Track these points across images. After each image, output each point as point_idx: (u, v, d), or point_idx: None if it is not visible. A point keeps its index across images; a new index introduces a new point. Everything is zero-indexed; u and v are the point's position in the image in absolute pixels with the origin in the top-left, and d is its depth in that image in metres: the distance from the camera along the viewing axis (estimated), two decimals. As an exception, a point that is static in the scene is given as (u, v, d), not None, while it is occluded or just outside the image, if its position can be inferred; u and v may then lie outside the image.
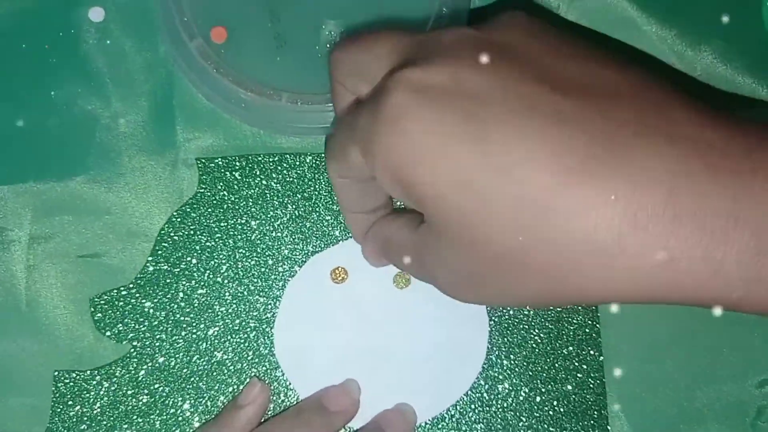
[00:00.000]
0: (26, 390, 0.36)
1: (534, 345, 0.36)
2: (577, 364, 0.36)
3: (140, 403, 0.36)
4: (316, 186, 0.37)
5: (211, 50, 0.36)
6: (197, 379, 0.36)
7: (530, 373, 0.36)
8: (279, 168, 0.37)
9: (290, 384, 0.36)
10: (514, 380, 0.36)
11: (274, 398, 0.36)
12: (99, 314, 0.36)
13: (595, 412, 0.36)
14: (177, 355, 0.36)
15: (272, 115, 0.36)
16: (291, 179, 0.37)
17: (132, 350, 0.36)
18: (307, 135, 0.37)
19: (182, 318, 0.36)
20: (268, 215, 0.37)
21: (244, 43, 0.37)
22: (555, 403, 0.36)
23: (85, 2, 0.38)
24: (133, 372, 0.36)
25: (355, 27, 0.37)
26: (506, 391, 0.36)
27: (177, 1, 0.36)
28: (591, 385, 0.36)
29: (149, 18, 0.38)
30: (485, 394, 0.36)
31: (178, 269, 0.36)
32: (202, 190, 0.37)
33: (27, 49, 0.38)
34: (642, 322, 0.37)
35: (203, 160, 0.37)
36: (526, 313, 0.36)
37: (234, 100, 0.36)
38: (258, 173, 0.37)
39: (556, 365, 0.36)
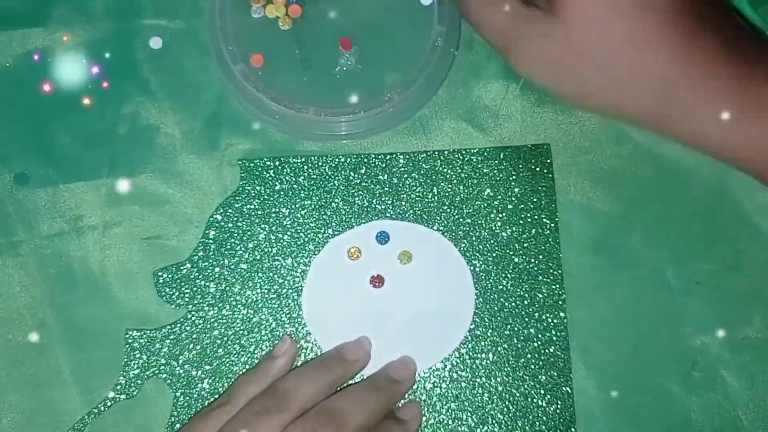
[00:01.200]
0: (102, 346, 0.44)
1: (510, 310, 0.45)
2: (545, 325, 0.45)
3: (193, 354, 0.44)
4: (335, 182, 0.46)
5: (251, 73, 0.45)
6: (239, 336, 0.44)
7: (507, 333, 0.45)
8: (304, 168, 0.46)
9: (315, 340, 0.44)
10: (495, 338, 0.45)
11: (302, 351, 0.44)
12: (160, 285, 0.45)
13: (561, 363, 0.44)
14: (223, 318, 0.44)
15: (301, 124, 0.45)
16: (314, 177, 0.46)
17: (187, 314, 0.45)
18: (328, 141, 0.46)
19: (227, 288, 0.45)
20: (296, 205, 0.46)
21: (278, 67, 0.46)
22: (528, 356, 0.44)
23: (146, 33, 0.47)
24: (188, 331, 0.44)
25: (366, 55, 0.45)
26: (488, 347, 0.44)
27: (224, 32, 0.45)
28: (557, 342, 0.44)
29: (200, 46, 0.46)
30: (472, 350, 0.44)
31: (224, 249, 0.45)
32: (243, 185, 0.46)
33: (99, 71, 0.47)
34: (598, 291, 0.45)
35: (244, 161, 0.46)
36: (504, 284, 0.45)
37: (270, 112, 0.45)
38: (288, 172, 0.46)
39: (529, 326, 0.45)
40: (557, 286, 0.45)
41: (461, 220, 0.45)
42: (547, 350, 0.44)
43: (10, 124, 0.46)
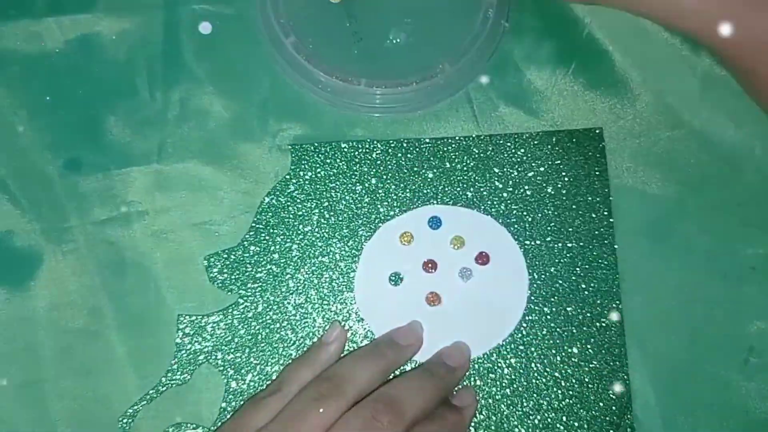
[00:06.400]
0: (154, 332, 0.44)
1: (565, 295, 0.44)
2: (600, 310, 0.44)
3: (245, 340, 0.44)
4: (387, 167, 0.45)
5: (303, 46, 0.45)
6: (291, 322, 0.44)
7: (561, 318, 0.44)
8: (356, 153, 0.46)
9: (367, 325, 0.44)
10: (550, 324, 0.44)
11: (355, 337, 0.44)
12: (211, 271, 0.44)
13: (616, 349, 0.44)
14: (275, 304, 0.44)
15: (353, 97, 0.45)
16: (366, 162, 0.45)
17: (238, 299, 0.44)
18: (383, 113, 0.46)
19: (278, 273, 0.44)
20: (348, 190, 0.45)
21: (328, 40, 0.45)
22: (584, 341, 0.44)
23: (195, 19, 0.47)
24: (239, 317, 0.44)
25: (417, 27, 0.45)
26: (543, 332, 0.44)
27: (275, 6, 0.45)
28: (612, 328, 0.44)
29: (249, 31, 0.46)
30: (526, 335, 0.44)
31: (275, 234, 0.45)
32: (294, 170, 0.45)
33: (149, 57, 0.46)
34: (653, 277, 0.45)
35: (295, 146, 0.46)
36: (557, 269, 0.44)
37: (321, 86, 0.45)
38: (339, 157, 0.45)
39: (584, 311, 0.44)
40: (611, 271, 0.44)
41: (513, 205, 0.45)
42: (602, 336, 0.44)
43: (61, 110, 0.46)
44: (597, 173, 0.45)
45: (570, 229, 0.45)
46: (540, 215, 0.45)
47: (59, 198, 0.45)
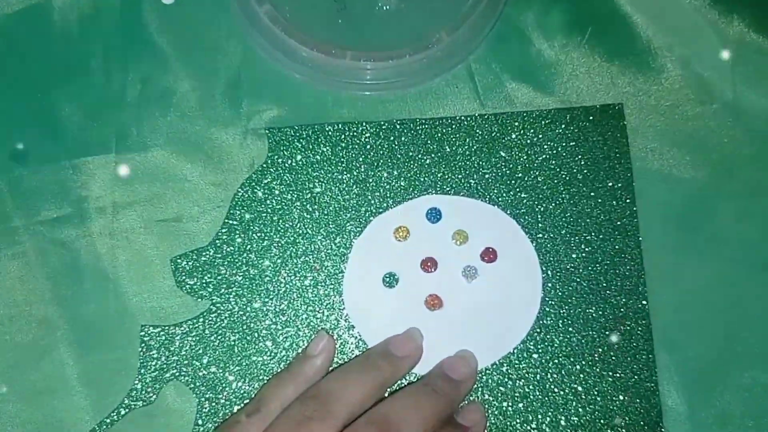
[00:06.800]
0: (114, 346, 0.39)
1: (584, 295, 0.39)
2: (624, 311, 0.39)
3: (219, 353, 0.39)
4: (377, 152, 0.40)
5: (279, 14, 0.40)
6: (272, 332, 0.39)
7: (581, 321, 0.39)
8: (342, 136, 0.40)
9: (358, 334, 0.39)
10: (567, 328, 0.39)
11: (344, 347, 0.39)
12: (179, 274, 0.39)
13: (643, 357, 0.39)
14: (253, 311, 0.39)
15: (338, 73, 0.40)
16: (353, 146, 0.40)
17: (211, 306, 0.39)
18: (372, 90, 0.41)
19: (256, 276, 0.39)
20: (334, 179, 0.40)
21: (308, 8, 0.41)
22: (606, 347, 0.39)
23: (157, -14, 0.41)
24: (212, 327, 0.39)
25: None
26: (559, 338, 0.39)
27: None
28: (638, 332, 0.39)
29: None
30: (540, 341, 0.39)
31: (252, 231, 0.39)
32: (272, 158, 0.40)
33: (104, 31, 0.41)
34: (682, 272, 0.40)
35: (272, 130, 0.40)
36: (575, 266, 0.39)
37: (301, 60, 0.40)
38: (323, 141, 0.40)
39: (606, 313, 0.39)
40: (636, 266, 0.39)
41: (523, 193, 0.40)
42: (626, 341, 0.39)
43: (3, 94, 0.41)
44: (617, 155, 0.40)
45: (588, 220, 0.40)
46: (554, 204, 0.40)
47: (2, 194, 0.40)
